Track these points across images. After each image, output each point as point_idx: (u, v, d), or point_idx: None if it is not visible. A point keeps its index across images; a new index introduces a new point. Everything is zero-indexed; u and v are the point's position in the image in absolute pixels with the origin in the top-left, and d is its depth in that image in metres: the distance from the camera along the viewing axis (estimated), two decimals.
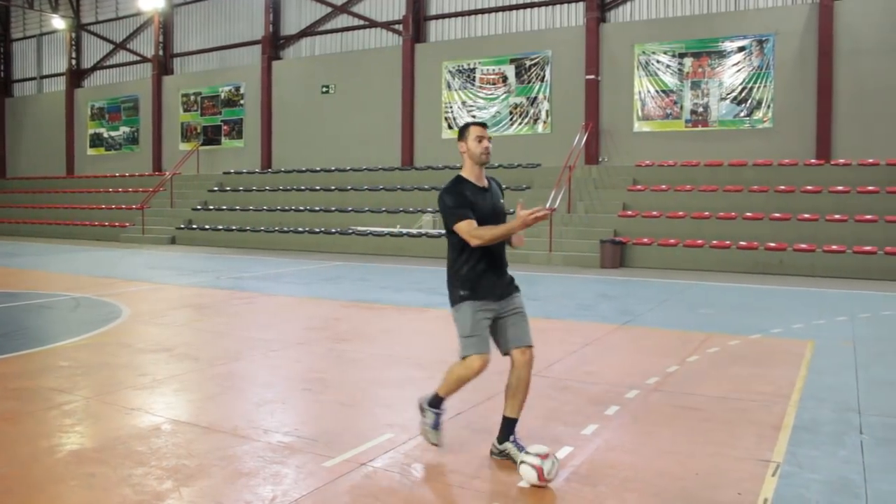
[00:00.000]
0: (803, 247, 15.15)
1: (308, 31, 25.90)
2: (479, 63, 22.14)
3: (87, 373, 6.37)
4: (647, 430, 4.86)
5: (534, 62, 21.24)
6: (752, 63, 18.39)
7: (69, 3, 32.24)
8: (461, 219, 4.12)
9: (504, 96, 21.73)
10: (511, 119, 21.50)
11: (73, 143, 32.50)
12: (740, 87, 18.54)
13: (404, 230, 19.72)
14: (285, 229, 21.75)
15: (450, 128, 22.59)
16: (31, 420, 5.02)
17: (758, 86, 18.33)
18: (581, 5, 20.86)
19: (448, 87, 22.68)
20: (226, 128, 27.75)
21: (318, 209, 22.36)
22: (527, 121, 21.39)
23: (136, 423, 4.97)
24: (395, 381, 6.20)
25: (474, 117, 21.76)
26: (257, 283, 13.31)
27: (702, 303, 11.15)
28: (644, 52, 19.74)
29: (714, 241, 16.01)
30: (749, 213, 16.41)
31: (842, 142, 17.42)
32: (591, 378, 6.28)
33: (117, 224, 25.64)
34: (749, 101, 18.44)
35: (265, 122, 26.34)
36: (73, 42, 32.34)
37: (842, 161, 16.98)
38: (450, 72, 22.63)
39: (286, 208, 23.08)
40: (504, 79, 21.75)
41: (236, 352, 7.33)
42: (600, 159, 20.25)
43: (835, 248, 14.88)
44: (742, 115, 18.57)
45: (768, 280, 13.95)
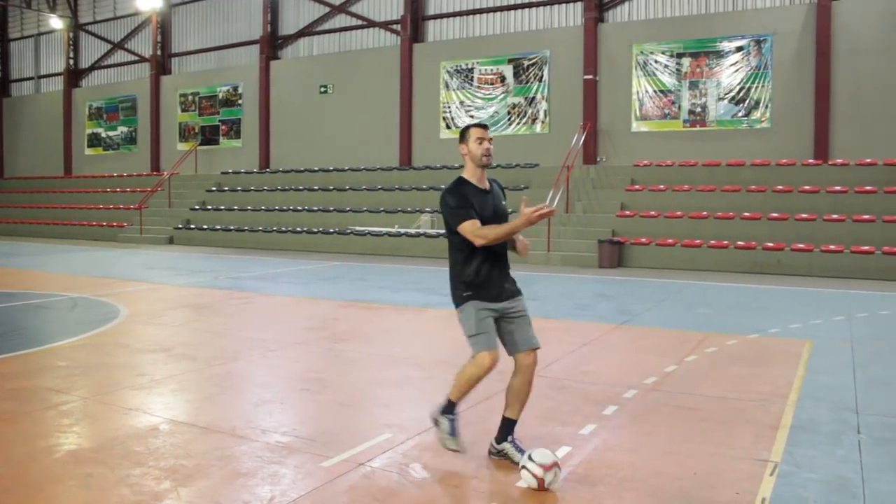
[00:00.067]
0: (801, 247, 15.17)
1: (306, 31, 25.89)
2: (478, 63, 22.14)
3: (84, 373, 6.37)
4: (645, 430, 4.86)
5: (532, 62, 21.25)
6: (749, 63, 18.41)
7: (67, 3, 32.20)
8: (465, 219, 4.10)
9: (502, 96, 21.74)
10: (509, 119, 21.51)
11: (71, 143, 32.45)
12: (738, 87, 18.55)
13: (402, 230, 19.71)
14: (283, 229, 21.75)
15: (448, 128, 22.59)
16: (28, 420, 5.02)
17: (756, 86, 18.34)
18: (579, 5, 20.87)
19: (446, 87, 22.67)
20: (224, 128, 27.73)
21: (316, 209, 22.35)
22: (525, 121, 21.40)
23: (134, 423, 4.97)
24: (393, 381, 6.20)
25: (472, 117, 21.77)
26: (255, 283, 13.30)
27: (700, 303, 11.16)
28: (642, 52, 19.75)
29: (712, 241, 16.02)
30: (747, 213, 16.43)
31: (839, 142, 17.44)
32: (590, 378, 6.28)
33: (115, 224, 25.62)
34: (747, 101, 18.46)
35: (263, 122, 26.33)
36: (70, 42, 32.30)
37: (839, 161, 16.99)
38: (448, 72, 22.62)
39: (284, 208, 23.07)
40: (502, 79, 21.75)
41: (234, 352, 7.32)
42: (598, 159, 20.26)
43: (832, 247, 14.90)
44: (740, 115, 18.58)
45: (766, 280, 13.96)
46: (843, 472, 4.10)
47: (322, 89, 25.01)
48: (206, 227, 23.43)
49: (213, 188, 25.91)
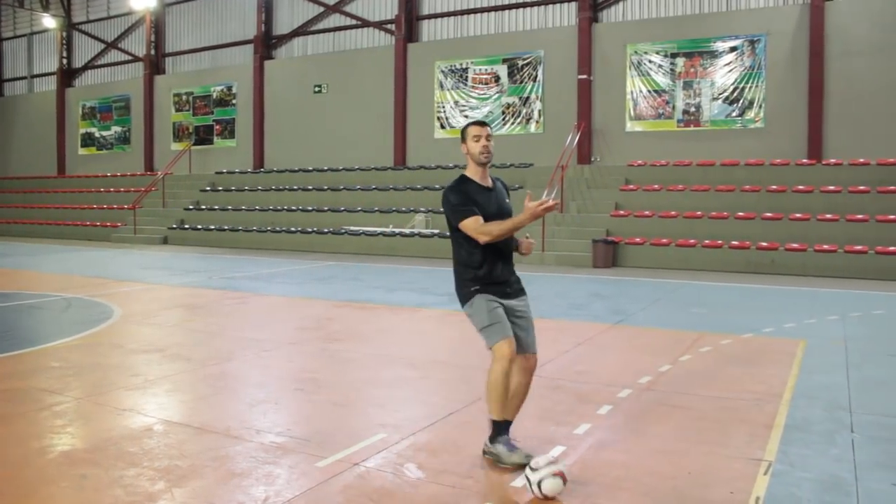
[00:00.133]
0: (795, 246, 15.21)
1: (300, 31, 25.86)
2: (472, 63, 22.14)
3: (78, 373, 6.35)
4: (639, 430, 4.86)
5: (526, 62, 21.26)
6: (743, 63, 18.45)
7: (60, 2, 32.10)
8: (467, 216, 4.07)
9: (496, 96, 21.75)
10: (503, 119, 21.51)
11: (65, 143, 32.35)
12: (732, 87, 18.60)
13: (397, 230, 19.70)
14: (277, 229, 21.72)
15: (442, 128, 22.59)
16: (22, 421, 5.00)
17: (749, 86, 18.39)
18: (573, 5, 20.89)
19: (440, 86, 22.67)
20: (218, 127, 27.68)
21: (310, 209, 22.33)
22: (519, 121, 21.41)
23: (128, 423, 4.95)
24: (387, 381, 6.20)
25: (467, 117, 21.77)
26: (249, 283, 13.28)
27: (694, 302, 11.18)
28: (636, 52, 19.78)
29: (706, 241, 16.05)
30: (741, 213, 16.46)
31: (833, 142, 17.49)
32: (584, 377, 6.29)
33: (109, 224, 25.54)
34: (741, 101, 18.50)
35: (257, 122, 26.29)
36: (63, 41, 32.19)
37: (833, 161, 17.05)
38: (442, 71, 22.62)
39: (278, 208, 23.04)
40: (496, 79, 21.76)
41: (228, 352, 7.31)
42: (592, 159, 20.28)
43: (826, 247, 14.94)
44: (734, 115, 18.62)
45: (760, 279, 14.00)
46: (837, 470, 4.11)
47: (316, 89, 24.98)
48: (200, 227, 23.38)
49: (208, 188, 25.86)
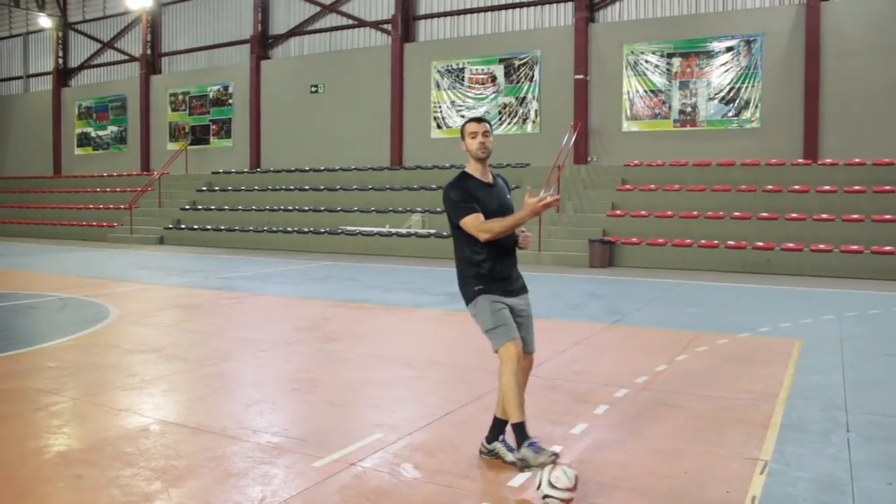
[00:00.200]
0: (791, 246, 15.23)
1: (297, 31, 25.84)
2: (468, 63, 22.15)
3: (74, 374, 6.34)
4: (635, 429, 4.87)
5: (523, 62, 21.27)
6: (739, 63, 18.48)
7: (56, 2, 32.03)
8: (468, 213, 4.03)
9: (493, 96, 21.75)
10: (500, 119, 21.51)
11: (61, 143, 32.29)
12: (728, 87, 18.62)
13: (393, 230, 19.70)
14: (274, 229, 21.70)
15: (439, 127, 22.59)
16: (18, 421, 4.99)
17: (746, 86, 18.41)
18: (570, 5, 20.90)
19: (437, 86, 22.67)
20: (214, 127, 27.65)
21: (307, 209, 22.31)
22: (516, 121, 21.41)
23: (125, 423, 4.95)
24: (384, 381, 6.19)
25: (463, 117, 21.77)
26: (246, 283, 13.27)
27: (690, 302, 11.20)
28: (633, 52, 19.80)
29: (702, 241, 16.07)
30: (737, 213, 16.49)
31: (829, 142, 17.53)
32: (580, 377, 6.29)
33: (105, 224, 25.50)
34: (737, 101, 18.53)
35: (254, 122, 26.27)
36: (59, 41, 32.14)
37: (829, 161, 17.08)
38: (439, 71, 22.62)
39: (275, 208, 23.02)
40: (493, 79, 21.77)
41: (225, 352, 7.30)
42: (589, 159, 20.30)
43: (822, 247, 14.97)
44: (730, 115, 18.65)
45: (756, 279, 14.01)
46: (833, 470, 4.12)
47: (313, 89, 24.96)
48: (196, 227, 23.35)
49: (204, 188, 25.83)
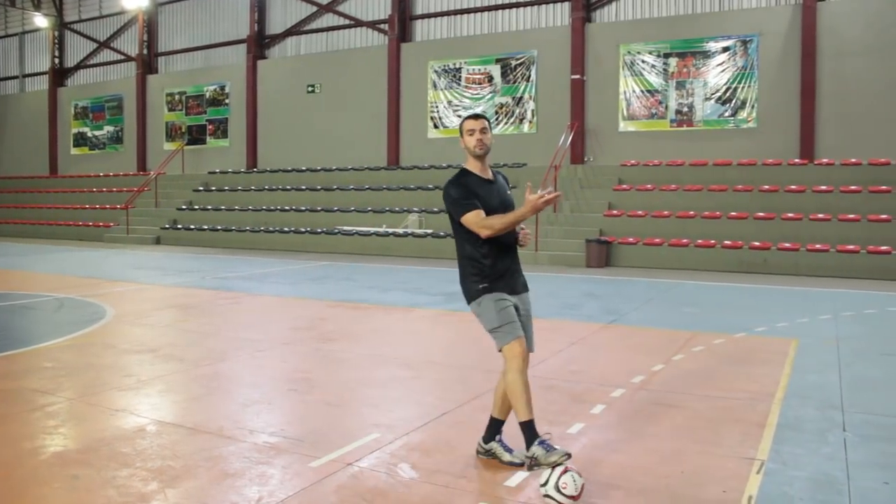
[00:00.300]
0: (787, 246, 15.25)
1: (293, 31, 25.82)
2: (465, 63, 22.15)
3: (70, 374, 6.33)
4: (632, 429, 4.87)
5: (519, 62, 21.28)
6: (736, 63, 18.50)
7: (52, 2, 31.98)
8: (468, 210, 4.01)
9: (490, 96, 21.76)
10: (497, 119, 21.51)
11: (57, 143, 32.23)
12: (725, 87, 18.65)
13: (390, 230, 19.69)
14: (271, 229, 21.68)
15: (435, 127, 22.59)
16: (14, 422, 4.98)
17: (742, 86, 18.44)
18: (566, 5, 20.92)
19: (434, 86, 22.67)
20: (211, 127, 27.62)
21: (303, 209, 22.30)
22: (512, 120, 21.42)
23: (121, 424, 4.94)
24: (381, 381, 6.19)
25: (460, 117, 21.75)
26: (243, 283, 13.26)
27: (687, 302, 11.21)
28: (629, 52, 19.81)
29: (699, 241, 16.09)
30: (733, 213, 16.51)
31: (825, 142, 17.55)
32: (577, 377, 6.30)
33: (101, 224, 25.46)
34: (733, 101, 18.55)
35: (250, 122, 26.25)
36: (55, 40, 32.08)
37: (825, 161, 17.11)
38: (435, 71, 22.62)
39: (272, 208, 23.00)
40: (490, 78, 21.77)
41: (222, 352, 7.29)
42: (586, 159, 20.31)
43: (818, 247, 14.99)
44: (726, 115, 18.67)
45: (753, 279, 14.03)
46: (829, 469, 4.13)
47: (309, 89, 24.95)
48: (193, 227, 23.32)
49: (201, 188, 25.79)
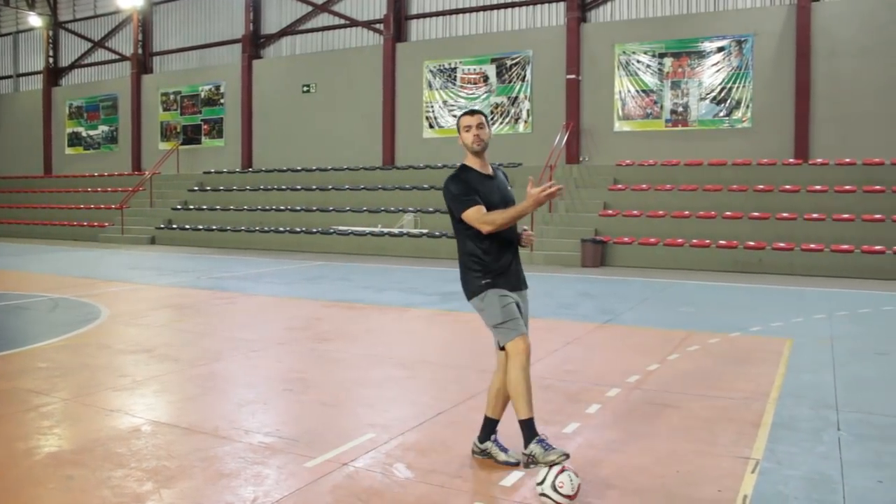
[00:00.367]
0: (782, 246, 15.29)
1: (289, 30, 25.79)
2: (461, 63, 22.15)
3: (65, 374, 6.31)
4: (627, 429, 4.88)
5: (515, 62, 21.29)
6: (731, 63, 18.54)
7: (46, 1, 31.88)
8: (469, 206, 4.00)
9: (485, 96, 21.76)
10: (492, 119, 21.52)
11: (51, 142, 32.15)
12: (719, 87, 18.68)
13: (385, 230, 19.69)
14: (266, 229, 21.66)
15: (431, 127, 22.59)
16: (8, 422, 4.96)
17: (737, 86, 18.47)
18: (562, 5, 20.92)
19: (429, 86, 22.67)
20: (206, 127, 27.57)
21: (299, 209, 22.28)
22: (508, 120, 21.43)
23: (116, 424, 4.93)
24: (376, 381, 6.19)
25: (455, 117, 21.77)
26: (238, 283, 13.24)
27: (682, 301, 11.22)
28: (624, 52, 19.84)
29: (694, 240, 16.11)
30: (728, 213, 16.54)
31: (820, 142, 17.60)
32: (572, 377, 6.30)
33: (96, 224, 25.39)
34: (728, 101, 18.59)
35: (246, 122, 26.21)
36: (50, 40, 31.99)
37: (819, 161, 17.15)
38: (431, 71, 22.62)
39: (267, 208, 22.98)
40: (485, 78, 21.78)
41: (217, 352, 7.28)
42: (581, 159, 20.33)
43: (813, 246, 15.03)
44: (721, 114, 18.71)
45: (747, 279, 14.06)
46: (824, 468, 4.14)
47: (305, 88, 24.93)
48: (188, 226, 23.28)
49: (196, 188, 25.75)
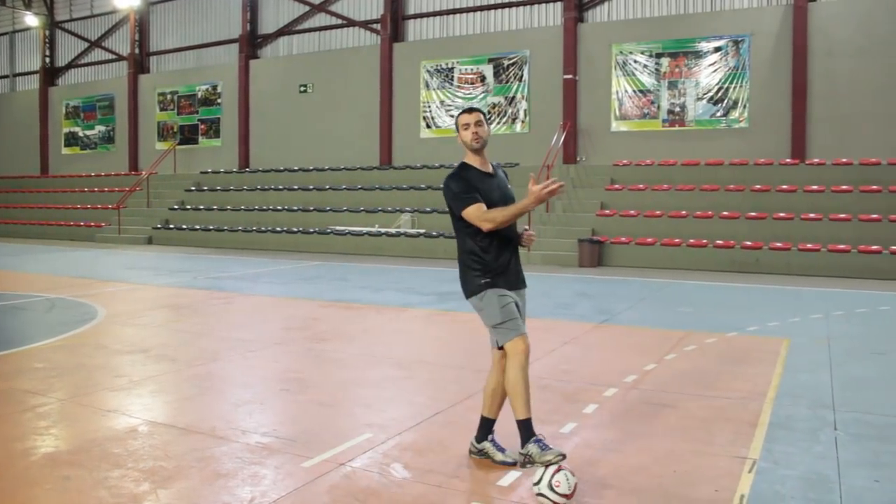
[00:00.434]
0: (779, 245, 15.30)
1: (286, 30, 25.78)
2: (458, 63, 22.15)
3: (62, 374, 6.30)
4: (625, 428, 4.88)
5: (512, 62, 21.29)
6: (728, 63, 18.55)
7: (42, 1, 31.83)
8: (469, 203, 3.99)
9: (482, 96, 21.76)
10: (489, 119, 21.46)
11: (48, 142, 32.08)
12: (716, 88, 18.70)
13: (383, 230, 19.68)
14: (263, 229, 21.64)
15: (428, 127, 22.58)
16: (4, 423, 4.95)
17: (734, 86, 18.49)
18: (559, 5, 20.94)
19: (426, 86, 22.67)
20: (203, 127, 27.54)
21: (296, 209, 22.26)
22: (505, 120, 21.44)
23: (113, 424, 4.92)
24: (374, 381, 6.19)
25: (452, 117, 21.77)
26: (235, 283, 13.23)
27: (679, 301, 11.23)
28: (621, 52, 19.85)
29: (691, 240, 16.12)
30: (725, 213, 16.55)
31: (816, 142, 17.62)
32: (570, 377, 6.30)
33: (93, 224, 25.36)
34: (725, 101, 18.60)
35: (243, 122, 26.18)
36: (46, 40, 31.94)
37: (816, 161, 17.17)
38: (428, 71, 22.62)
39: (264, 208, 22.96)
40: (482, 78, 21.78)
41: (214, 352, 7.28)
42: (578, 159, 20.34)
43: (810, 246, 15.04)
44: (718, 114, 18.72)
45: (745, 278, 14.07)
46: (821, 468, 4.15)
47: (302, 88, 24.91)
48: (185, 226, 23.25)
49: (193, 188, 25.73)
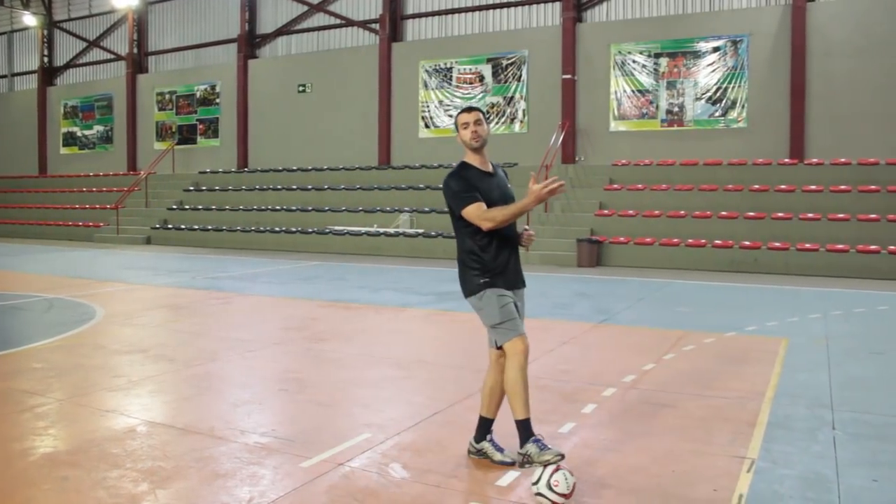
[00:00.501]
0: (777, 245, 15.31)
1: (284, 30, 25.77)
2: (456, 62, 22.15)
3: (60, 375, 6.30)
4: (623, 428, 4.88)
5: (510, 62, 21.29)
6: (726, 63, 18.56)
7: (41, 0, 31.81)
8: (469, 202, 3.99)
9: (481, 96, 21.76)
10: (488, 118, 21.44)
11: (46, 142, 32.06)
12: (715, 87, 18.70)
13: (381, 230, 19.67)
14: (262, 229, 21.63)
15: (426, 127, 22.58)
16: (3, 423, 4.95)
17: (732, 86, 18.50)
18: (557, 5, 20.94)
19: (425, 86, 22.66)
20: (201, 127, 27.52)
21: (294, 209, 22.26)
22: (503, 120, 21.44)
23: (111, 425, 4.92)
24: (372, 381, 6.19)
25: (450, 117, 21.77)
26: (234, 283, 13.22)
27: (678, 301, 11.24)
28: (620, 52, 19.85)
29: (690, 240, 16.13)
30: (724, 212, 16.56)
31: (815, 142, 17.63)
32: (568, 376, 6.30)
33: (91, 224, 25.34)
34: (724, 101, 18.61)
35: (241, 121, 26.17)
36: (45, 39, 31.91)
37: (815, 161, 17.18)
38: (426, 71, 22.61)
39: (262, 208, 22.95)
40: (481, 78, 21.78)
41: (212, 352, 7.27)
42: (577, 158, 20.34)
43: (808, 246, 15.06)
44: (717, 114, 18.73)
45: (743, 278, 14.08)
46: (819, 467, 4.15)
47: (300, 88, 24.90)
48: (183, 226, 23.25)
49: (191, 188, 25.71)
